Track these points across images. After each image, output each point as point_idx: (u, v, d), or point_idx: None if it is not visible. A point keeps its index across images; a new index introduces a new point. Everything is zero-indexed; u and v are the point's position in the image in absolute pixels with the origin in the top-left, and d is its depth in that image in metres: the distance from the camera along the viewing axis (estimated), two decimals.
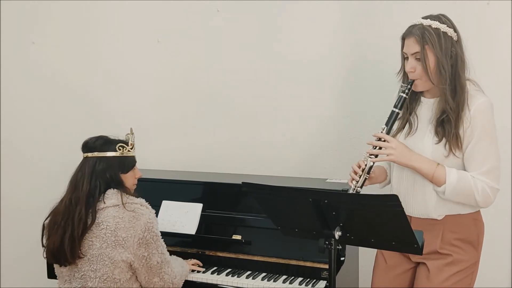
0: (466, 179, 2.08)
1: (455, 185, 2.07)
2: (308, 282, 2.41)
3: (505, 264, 2.85)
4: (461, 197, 2.10)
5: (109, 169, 2.28)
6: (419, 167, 2.10)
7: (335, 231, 1.85)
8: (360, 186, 2.13)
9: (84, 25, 3.45)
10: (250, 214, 2.60)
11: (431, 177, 2.10)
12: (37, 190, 3.48)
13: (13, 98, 3.60)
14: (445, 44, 2.07)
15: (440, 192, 2.11)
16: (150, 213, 2.26)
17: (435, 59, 2.07)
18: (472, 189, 2.07)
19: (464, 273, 2.17)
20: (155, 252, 2.24)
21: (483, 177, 2.08)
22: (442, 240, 2.16)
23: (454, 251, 2.16)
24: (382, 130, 2.14)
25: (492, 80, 2.79)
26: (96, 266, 2.19)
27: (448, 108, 2.07)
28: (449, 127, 2.08)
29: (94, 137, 2.33)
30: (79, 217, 2.19)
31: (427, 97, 2.20)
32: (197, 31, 3.26)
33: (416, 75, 2.11)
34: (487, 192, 2.09)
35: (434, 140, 2.12)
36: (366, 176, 2.13)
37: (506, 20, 2.74)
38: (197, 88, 3.30)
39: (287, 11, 3.08)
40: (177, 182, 2.85)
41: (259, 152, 3.19)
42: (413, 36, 2.09)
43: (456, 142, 2.08)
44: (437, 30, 2.08)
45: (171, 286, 2.32)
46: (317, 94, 3.07)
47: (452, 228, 2.16)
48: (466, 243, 2.17)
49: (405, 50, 2.14)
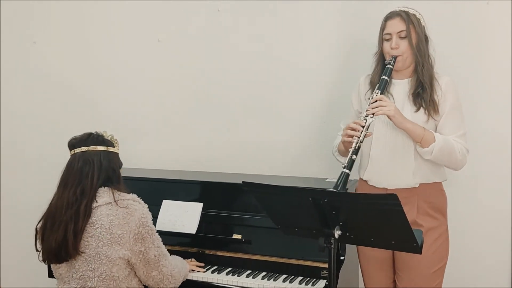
0: (449, 140, 2.35)
1: (442, 144, 2.31)
2: (308, 281, 2.41)
3: (505, 264, 2.85)
4: (445, 156, 2.34)
5: (112, 164, 2.29)
6: (412, 126, 2.32)
7: (335, 230, 1.85)
8: (361, 141, 2.28)
9: (84, 25, 3.45)
10: (250, 214, 2.60)
11: (421, 137, 2.31)
12: (38, 190, 3.47)
13: (13, 98, 3.60)
14: (421, 26, 2.42)
15: (428, 152, 2.32)
16: (143, 208, 2.26)
17: (417, 36, 2.39)
18: (454, 149, 2.34)
19: (441, 239, 2.43)
20: (151, 246, 2.24)
21: (459, 139, 2.37)
22: (418, 210, 2.40)
23: (427, 220, 2.40)
24: (376, 94, 2.35)
25: (492, 80, 2.80)
26: (94, 266, 2.18)
27: (424, 79, 2.38)
28: (425, 95, 2.38)
29: (86, 134, 2.32)
30: (84, 210, 2.17)
31: (399, 78, 2.47)
32: (197, 31, 3.26)
33: (399, 51, 2.39)
34: (464, 153, 2.38)
35: (413, 109, 2.39)
36: (366, 132, 2.29)
37: (506, 20, 2.74)
38: (197, 88, 3.30)
39: (287, 11, 3.09)
40: (178, 182, 2.86)
41: (259, 151, 3.19)
42: (399, 16, 2.40)
43: (434, 107, 2.38)
44: (415, 16, 2.42)
45: (170, 279, 2.32)
46: (318, 94, 3.08)
47: (425, 198, 2.41)
48: (437, 212, 2.44)
49: (389, 30, 2.41)
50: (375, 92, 2.37)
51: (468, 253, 2.87)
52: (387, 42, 2.42)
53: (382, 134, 2.42)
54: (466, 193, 2.85)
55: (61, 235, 2.17)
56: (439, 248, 2.41)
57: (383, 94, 2.37)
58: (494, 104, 2.80)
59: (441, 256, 2.43)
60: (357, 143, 2.26)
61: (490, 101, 2.80)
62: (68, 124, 3.44)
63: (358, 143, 2.26)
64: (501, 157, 2.80)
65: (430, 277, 2.41)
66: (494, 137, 2.80)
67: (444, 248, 2.45)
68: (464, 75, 2.80)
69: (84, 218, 2.18)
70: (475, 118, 2.79)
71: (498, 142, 2.80)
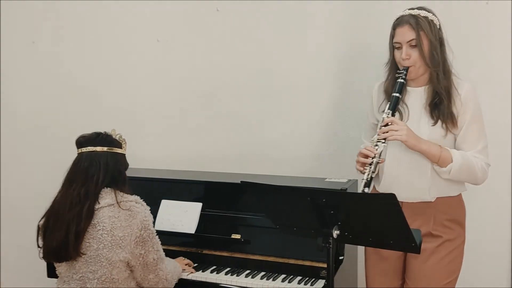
0: (468, 157, 2.21)
1: (461, 163, 2.19)
2: (307, 281, 2.41)
3: (505, 264, 2.85)
4: (464, 175, 2.22)
5: (118, 165, 2.28)
6: (427, 148, 2.18)
7: (334, 230, 1.85)
8: (373, 171, 2.18)
9: (84, 25, 3.45)
10: (249, 213, 2.60)
11: (438, 158, 2.19)
12: (38, 190, 3.48)
13: (13, 98, 3.60)
14: (434, 31, 2.23)
15: (445, 172, 2.21)
16: (146, 210, 2.26)
17: (429, 43, 2.21)
18: (474, 166, 2.21)
19: (456, 252, 2.31)
20: (151, 249, 2.24)
21: (479, 155, 2.23)
22: (435, 222, 2.28)
23: (445, 232, 2.28)
24: (387, 115, 2.22)
25: (492, 80, 2.80)
26: (94, 268, 2.18)
27: (440, 89, 2.21)
28: (443, 107, 2.21)
29: (95, 133, 2.31)
30: (87, 212, 2.16)
31: (414, 86, 2.31)
32: (197, 31, 3.26)
33: (411, 61, 2.23)
34: (485, 169, 2.24)
35: (430, 122, 2.24)
36: (378, 160, 2.19)
37: (505, 20, 2.74)
38: (196, 88, 3.30)
39: (288, 11, 3.09)
40: (177, 181, 2.86)
41: (258, 151, 3.19)
42: (407, 24, 2.21)
43: (452, 120, 2.22)
44: (426, 18, 2.22)
45: (165, 282, 2.31)
46: (317, 94, 3.07)
47: (442, 210, 2.28)
48: (455, 223, 2.31)
49: (398, 39, 2.24)
50: (386, 112, 2.22)
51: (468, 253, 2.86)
52: (397, 50, 2.27)
53: (397, 150, 2.28)
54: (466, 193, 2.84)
55: (63, 235, 2.16)
56: (453, 261, 2.30)
57: (396, 111, 2.24)
58: (494, 104, 2.79)
59: (454, 269, 2.32)
60: (368, 174, 2.17)
61: (490, 101, 2.79)
62: (68, 124, 3.44)
63: (369, 174, 2.17)
64: (501, 157, 2.80)
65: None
66: (494, 137, 2.79)
67: (458, 261, 2.33)
68: (464, 75, 2.79)
69: (86, 220, 2.17)
70: None
71: (498, 142, 2.79)
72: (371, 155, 2.18)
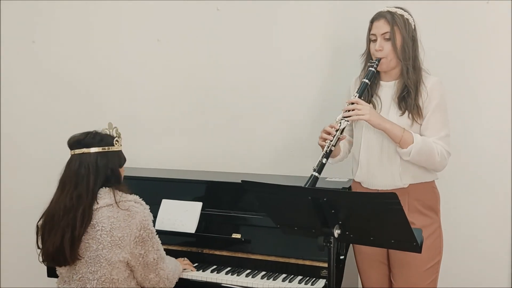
0: (428, 141, 2.32)
1: (421, 145, 2.29)
2: (307, 280, 2.41)
3: (505, 264, 2.84)
4: (423, 157, 2.32)
5: (110, 164, 2.24)
6: (391, 127, 2.31)
7: (334, 229, 1.85)
8: (333, 145, 2.32)
9: (84, 24, 3.45)
10: (249, 213, 2.60)
11: (400, 138, 2.31)
12: (38, 190, 3.47)
13: (14, 97, 3.60)
14: (408, 28, 2.38)
15: (406, 153, 2.31)
16: (145, 210, 2.23)
17: (402, 39, 2.36)
18: (433, 151, 2.32)
19: (433, 236, 2.41)
20: (151, 249, 2.23)
21: (441, 142, 2.34)
22: (409, 209, 2.36)
23: (419, 218, 2.38)
24: (354, 96, 2.36)
25: (492, 80, 2.80)
26: (93, 268, 2.17)
27: (409, 83, 2.36)
28: (410, 100, 2.35)
29: (84, 133, 2.27)
30: (81, 216, 2.14)
31: (386, 80, 2.46)
32: (197, 30, 3.26)
33: (383, 53, 2.37)
34: (444, 155, 2.34)
35: (398, 113, 2.38)
36: (339, 136, 2.33)
37: (506, 20, 2.74)
38: (196, 87, 3.30)
39: (287, 10, 3.09)
40: (177, 181, 2.86)
41: (258, 151, 3.19)
42: (383, 18, 2.38)
43: (417, 111, 2.35)
44: (402, 16, 2.38)
45: (166, 282, 2.31)
46: (317, 94, 3.07)
47: (416, 196, 2.39)
48: (429, 209, 2.42)
49: (374, 31, 2.40)
50: (353, 95, 2.37)
51: (468, 253, 2.87)
52: (373, 43, 2.41)
53: (368, 138, 2.42)
54: (466, 192, 2.85)
55: (58, 241, 2.15)
56: (432, 245, 2.39)
57: (367, 98, 2.38)
58: (494, 104, 2.79)
59: (435, 253, 2.42)
60: (328, 146, 2.31)
61: (490, 101, 2.80)
62: (68, 123, 3.43)
63: (329, 146, 2.30)
64: (501, 157, 2.80)
65: (425, 274, 2.41)
66: (494, 137, 2.80)
67: (437, 245, 2.44)
68: (464, 75, 2.80)
69: (82, 224, 2.14)
70: (475, 118, 2.79)
71: (498, 142, 2.80)
72: (333, 132, 2.32)
